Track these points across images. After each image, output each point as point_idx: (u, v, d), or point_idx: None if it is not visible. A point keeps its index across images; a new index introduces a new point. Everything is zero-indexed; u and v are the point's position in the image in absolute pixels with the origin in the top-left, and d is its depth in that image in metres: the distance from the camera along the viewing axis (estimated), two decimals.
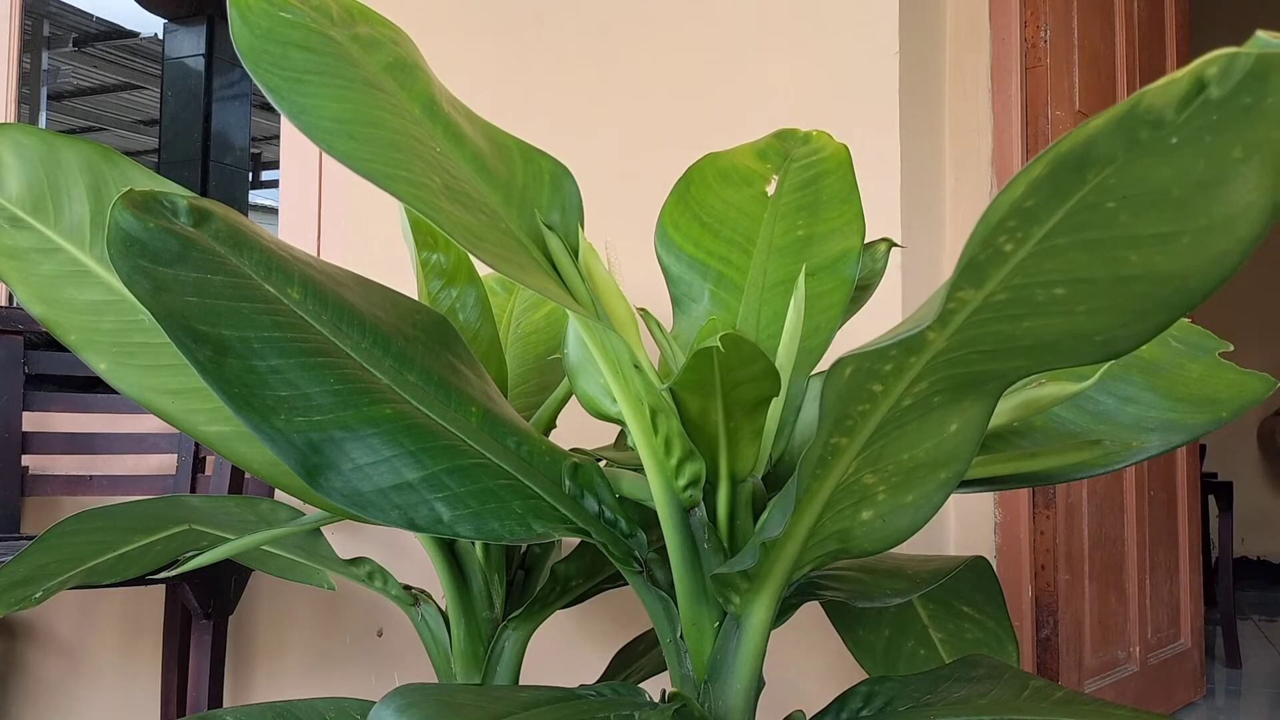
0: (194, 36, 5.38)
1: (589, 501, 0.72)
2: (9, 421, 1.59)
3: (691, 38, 1.50)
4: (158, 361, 0.81)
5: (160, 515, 0.92)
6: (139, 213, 0.57)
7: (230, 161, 5.30)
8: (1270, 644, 3.30)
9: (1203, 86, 0.37)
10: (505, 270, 0.62)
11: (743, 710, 0.68)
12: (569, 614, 1.03)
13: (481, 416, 0.69)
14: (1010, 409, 0.74)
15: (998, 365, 0.55)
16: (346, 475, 0.62)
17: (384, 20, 0.73)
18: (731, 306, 0.77)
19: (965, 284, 0.47)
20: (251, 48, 0.62)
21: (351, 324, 0.65)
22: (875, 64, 1.39)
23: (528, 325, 1.12)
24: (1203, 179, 0.41)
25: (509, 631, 0.91)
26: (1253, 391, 0.76)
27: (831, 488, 0.62)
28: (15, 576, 0.81)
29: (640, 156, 1.51)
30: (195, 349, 0.58)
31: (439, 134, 0.71)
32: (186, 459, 1.56)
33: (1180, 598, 2.12)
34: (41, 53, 6.58)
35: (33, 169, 0.83)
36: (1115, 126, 0.39)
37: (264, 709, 0.82)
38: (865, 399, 0.56)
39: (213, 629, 1.44)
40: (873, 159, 1.37)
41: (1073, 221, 0.44)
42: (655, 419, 0.68)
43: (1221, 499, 3.16)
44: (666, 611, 0.72)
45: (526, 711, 0.60)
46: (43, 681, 1.81)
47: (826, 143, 0.75)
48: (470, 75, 1.59)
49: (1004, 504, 1.54)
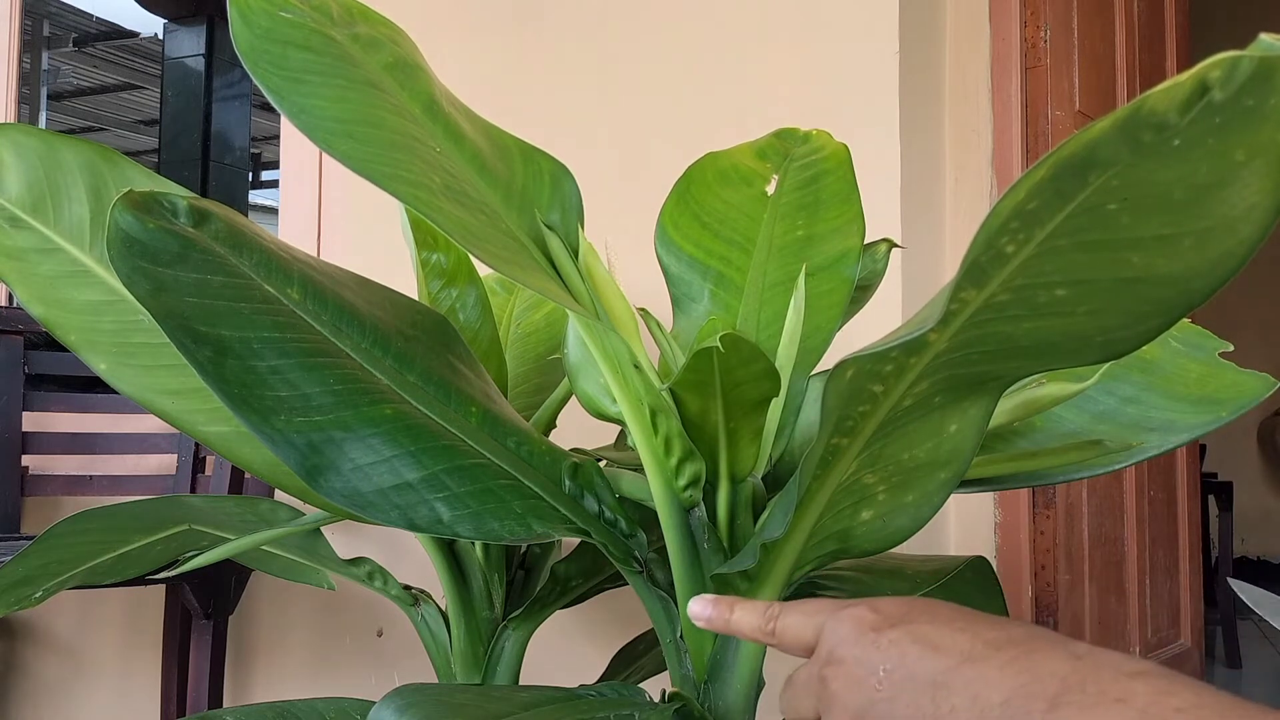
0: (194, 36, 5.38)
1: (589, 501, 0.72)
2: (9, 421, 1.59)
3: (692, 37, 1.50)
4: (158, 361, 0.81)
5: (160, 515, 0.91)
6: (139, 213, 0.57)
7: (230, 161, 5.30)
8: (1270, 644, 3.30)
9: (1206, 90, 0.37)
10: (505, 270, 0.62)
11: (743, 710, 0.68)
12: (569, 614, 1.03)
13: (481, 416, 0.69)
14: (1010, 409, 0.74)
15: (998, 366, 0.55)
16: (346, 475, 0.62)
17: (384, 20, 0.73)
18: (731, 306, 0.76)
19: (968, 285, 0.47)
20: (251, 47, 0.62)
21: (351, 324, 0.65)
22: (875, 64, 1.39)
23: (528, 325, 1.12)
24: (1205, 181, 0.41)
25: (509, 631, 0.91)
26: (1253, 391, 0.76)
27: (832, 488, 0.62)
28: (15, 576, 0.81)
29: (640, 156, 1.51)
30: (195, 349, 0.58)
31: (439, 134, 0.71)
32: (186, 459, 1.56)
33: (1180, 598, 2.12)
34: (41, 53, 6.58)
35: (33, 169, 0.83)
36: (1118, 129, 0.39)
37: (264, 709, 0.82)
38: (866, 399, 0.56)
39: (213, 629, 1.44)
40: (873, 159, 1.37)
41: (1075, 223, 0.43)
42: (655, 419, 0.68)
43: (1221, 499, 3.16)
44: (666, 611, 0.72)
45: (526, 711, 0.60)
46: (43, 681, 1.81)
47: (826, 142, 0.75)
48: (470, 75, 1.59)
49: (1004, 504, 1.54)
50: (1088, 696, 0.39)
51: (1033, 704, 0.40)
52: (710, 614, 0.54)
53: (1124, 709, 0.38)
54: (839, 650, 0.46)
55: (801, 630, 0.50)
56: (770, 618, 0.52)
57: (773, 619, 0.52)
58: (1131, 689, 0.39)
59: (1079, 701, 0.39)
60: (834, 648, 0.47)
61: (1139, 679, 0.39)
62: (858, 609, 0.48)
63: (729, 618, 0.54)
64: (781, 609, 0.52)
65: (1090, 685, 0.39)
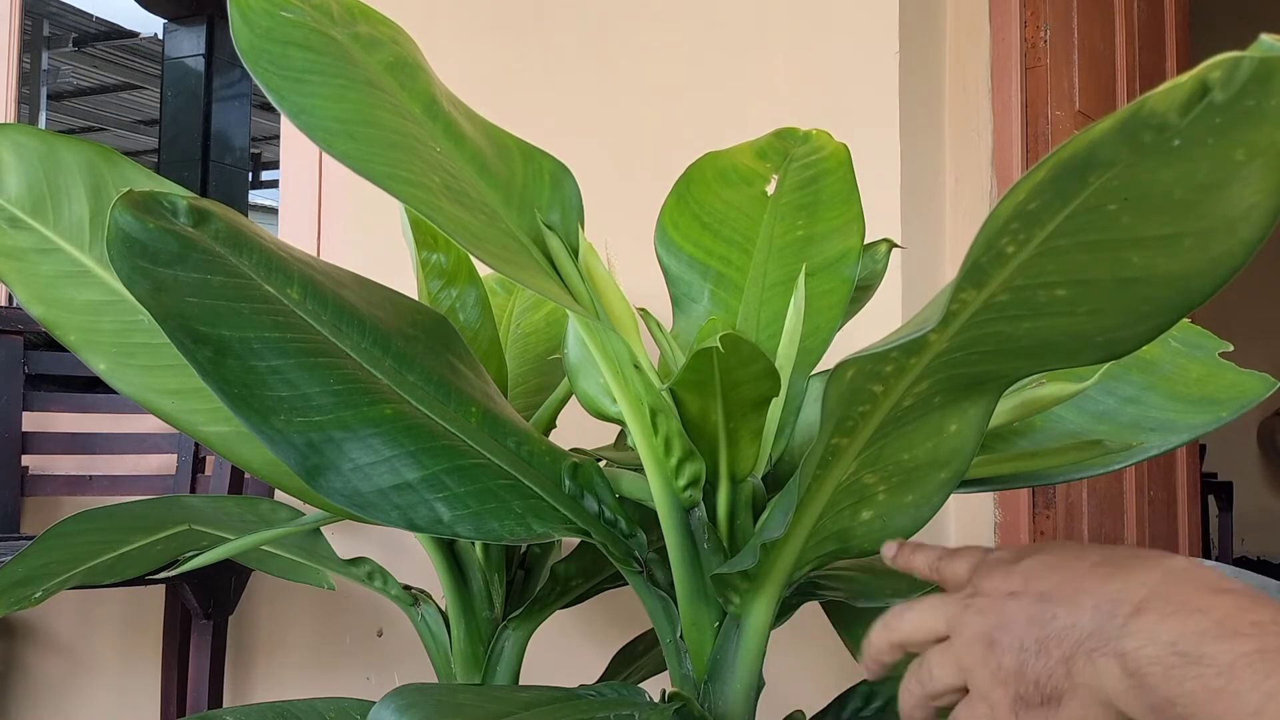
0: (194, 36, 5.39)
1: (589, 501, 0.72)
2: (9, 421, 1.59)
3: (692, 37, 1.50)
4: (158, 361, 0.80)
5: (160, 515, 0.91)
6: (139, 213, 0.57)
7: (230, 161, 5.30)
8: None
9: (1206, 90, 0.37)
10: (505, 270, 0.62)
11: (743, 710, 0.68)
12: (569, 614, 1.02)
13: (481, 416, 0.69)
14: (1010, 409, 0.74)
15: (998, 366, 0.55)
16: (346, 475, 0.62)
17: (384, 19, 0.73)
18: (731, 306, 0.76)
19: (968, 285, 0.47)
20: (252, 47, 0.62)
21: (351, 324, 0.65)
22: (875, 64, 1.39)
23: (528, 325, 1.12)
24: (1205, 181, 0.41)
25: (509, 631, 0.91)
26: (1253, 391, 0.76)
27: (832, 488, 0.62)
28: (15, 576, 0.81)
29: (640, 156, 1.51)
30: (195, 349, 0.58)
31: (439, 133, 0.70)
32: (186, 459, 1.56)
33: None
34: (41, 53, 6.59)
35: (32, 169, 0.83)
36: (1119, 130, 0.39)
37: (264, 709, 0.82)
38: (866, 399, 0.56)
39: (213, 629, 1.44)
40: (873, 159, 1.36)
41: (1075, 223, 0.44)
42: (655, 419, 0.68)
43: (1221, 499, 3.16)
44: (666, 611, 0.72)
45: (526, 711, 0.60)
46: (43, 681, 1.81)
47: (826, 142, 0.75)
48: (470, 74, 1.59)
49: (1004, 504, 1.54)
50: (1170, 604, 0.43)
51: (1119, 608, 0.44)
52: (894, 554, 0.61)
53: (1201, 618, 0.42)
54: (980, 584, 0.52)
55: (959, 569, 0.56)
56: (936, 557, 0.59)
57: (937, 561, 0.58)
58: (1214, 602, 0.42)
59: (1161, 609, 0.43)
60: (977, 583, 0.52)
61: (1224, 595, 0.43)
62: (1000, 552, 0.54)
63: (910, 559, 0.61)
64: (945, 554, 0.58)
65: (1175, 595, 0.43)
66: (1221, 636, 0.41)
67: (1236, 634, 0.40)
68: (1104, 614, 0.44)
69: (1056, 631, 0.46)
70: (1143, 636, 0.42)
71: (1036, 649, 0.47)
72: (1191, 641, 0.41)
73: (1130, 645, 0.43)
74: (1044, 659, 0.46)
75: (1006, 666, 0.47)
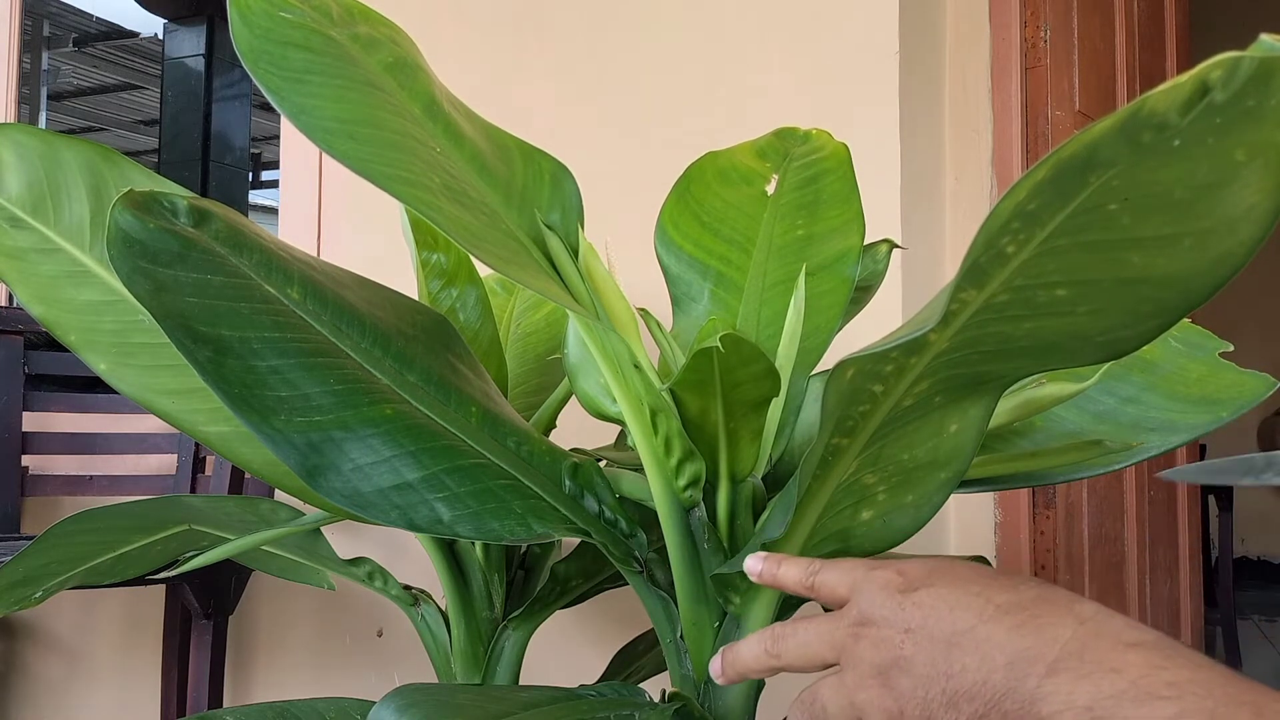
0: (194, 36, 5.38)
1: (589, 501, 0.72)
2: (9, 421, 1.59)
3: (692, 37, 1.50)
4: (158, 361, 0.80)
5: (160, 515, 0.91)
6: (139, 213, 0.57)
7: (230, 161, 5.30)
8: (1270, 644, 3.30)
9: (1206, 90, 0.37)
10: (505, 270, 0.62)
11: (743, 710, 0.68)
12: (569, 614, 1.03)
13: (481, 416, 0.69)
14: (1010, 409, 0.74)
15: (998, 366, 0.55)
16: (346, 475, 0.62)
17: (384, 20, 0.73)
18: (731, 306, 0.76)
19: (968, 285, 0.47)
20: (251, 47, 0.62)
21: (351, 324, 0.65)
22: (875, 64, 1.39)
23: (528, 325, 1.12)
24: (1205, 181, 0.41)
25: (509, 631, 0.91)
26: (1253, 391, 0.76)
27: (832, 488, 0.62)
28: (15, 576, 0.81)
29: (640, 156, 1.51)
30: (195, 349, 0.58)
31: (439, 134, 0.70)
32: (186, 459, 1.56)
33: (1180, 598, 2.12)
34: (41, 53, 6.58)
35: (33, 169, 0.83)
36: (1119, 130, 0.39)
37: (264, 709, 0.82)
38: (866, 399, 0.56)
39: (213, 629, 1.44)
40: (872, 159, 1.36)
41: (1075, 223, 0.44)
42: (655, 419, 0.68)
43: (1221, 499, 3.16)
44: (666, 611, 0.72)
45: (526, 711, 0.60)
46: (43, 681, 1.81)
47: (826, 141, 0.75)
48: (470, 75, 1.59)
49: (1004, 504, 1.54)
50: (1084, 664, 0.41)
51: (1033, 667, 0.43)
52: (761, 568, 0.58)
53: (1116, 679, 0.40)
54: (869, 611, 0.50)
55: (836, 585, 0.53)
56: (811, 573, 0.56)
57: (812, 574, 0.55)
58: (1127, 660, 0.41)
59: (1075, 669, 0.42)
60: (864, 609, 0.50)
61: (1136, 650, 0.41)
62: (886, 572, 0.51)
63: (776, 572, 0.58)
64: (821, 565, 0.55)
65: (1089, 653, 0.42)
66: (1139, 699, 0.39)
67: (1153, 696, 0.39)
68: (1018, 673, 0.43)
69: (967, 687, 0.44)
70: (1058, 700, 0.41)
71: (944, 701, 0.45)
72: (1109, 706, 0.40)
73: (1046, 710, 0.41)
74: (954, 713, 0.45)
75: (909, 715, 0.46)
